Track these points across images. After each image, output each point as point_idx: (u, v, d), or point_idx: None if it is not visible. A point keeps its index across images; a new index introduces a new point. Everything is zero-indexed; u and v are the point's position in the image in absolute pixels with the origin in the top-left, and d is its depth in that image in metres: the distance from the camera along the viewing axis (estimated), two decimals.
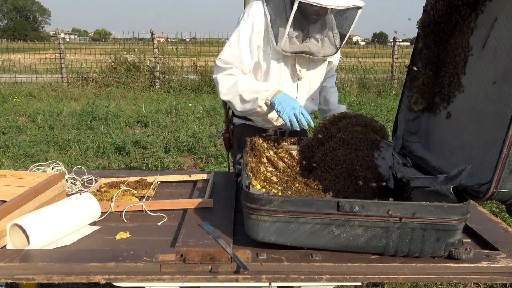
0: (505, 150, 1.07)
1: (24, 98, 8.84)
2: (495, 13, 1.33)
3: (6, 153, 5.06)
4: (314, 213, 1.19)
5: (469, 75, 1.44)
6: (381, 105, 8.40)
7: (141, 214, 1.56)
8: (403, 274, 1.20)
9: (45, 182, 1.52)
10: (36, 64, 11.72)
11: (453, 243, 1.20)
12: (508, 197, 1.14)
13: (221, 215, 1.52)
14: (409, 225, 1.18)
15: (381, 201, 1.18)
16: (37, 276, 1.15)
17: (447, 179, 1.29)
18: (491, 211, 3.58)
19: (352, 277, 1.19)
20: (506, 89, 1.23)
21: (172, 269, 1.18)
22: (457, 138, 1.45)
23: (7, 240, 1.29)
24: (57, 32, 11.10)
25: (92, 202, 1.47)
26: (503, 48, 1.27)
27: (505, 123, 1.09)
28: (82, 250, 1.27)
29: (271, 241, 1.23)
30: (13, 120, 6.72)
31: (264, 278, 1.17)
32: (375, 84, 10.59)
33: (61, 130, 6.20)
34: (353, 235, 1.21)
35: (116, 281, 1.17)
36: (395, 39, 11.69)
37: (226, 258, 1.21)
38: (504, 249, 1.32)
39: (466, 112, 1.43)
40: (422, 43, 1.55)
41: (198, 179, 1.94)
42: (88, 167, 4.69)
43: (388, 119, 6.81)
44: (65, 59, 10.44)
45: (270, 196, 1.21)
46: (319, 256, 1.23)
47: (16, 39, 26.31)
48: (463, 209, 1.16)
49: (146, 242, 1.35)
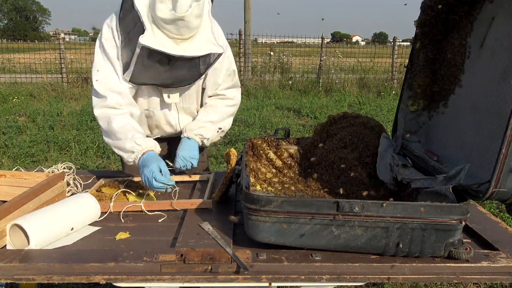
0: (504, 149, 1.07)
1: (24, 98, 8.85)
2: (493, 12, 1.33)
3: (6, 153, 5.06)
4: (314, 213, 1.19)
5: (467, 74, 1.44)
6: (381, 105, 8.41)
7: (141, 214, 1.56)
8: (403, 274, 1.20)
9: (45, 182, 1.52)
10: (36, 64, 11.72)
11: (453, 243, 1.20)
12: (507, 196, 1.14)
13: (221, 216, 1.52)
14: (409, 225, 1.18)
15: (381, 201, 1.18)
16: (37, 276, 1.15)
17: (446, 179, 1.29)
18: (491, 211, 3.58)
19: (352, 277, 1.19)
20: (505, 88, 1.23)
21: (172, 269, 1.18)
22: (457, 137, 1.45)
23: (7, 240, 1.29)
24: (57, 32, 11.11)
25: (92, 202, 1.47)
26: (501, 47, 1.27)
27: (504, 121, 1.09)
28: (82, 250, 1.27)
29: (271, 241, 1.23)
30: (13, 120, 6.72)
31: (264, 278, 1.17)
32: (375, 84, 10.59)
33: (61, 130, 6.20)
34: (353, 235, 1.21)
35: (116, 281, 1.17)
36: (395, 39, 11.70)
37: (226, 258, 1.21)
38: (504, 249, 1.32)
39: (465, 111, 1.43)
40: (420, 43, 1.55)
41: (198, 180, 1.94)
42: (88, 167, 4.69)
43: (388, 119, 6.82)
44: (65, 59, 10.44)
45: (270, 196, 1.21)
46: (319, 256, 1.23)
47: (16, 39, 26.30)
48: (463, 209, 1.16)
49: (146, 242, 1.35)
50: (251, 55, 11.23)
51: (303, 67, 12.00)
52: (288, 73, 11.41)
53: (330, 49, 13.86)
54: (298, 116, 7.68)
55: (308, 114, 7.65)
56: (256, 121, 6.91)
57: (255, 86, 10.22)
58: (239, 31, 10.83)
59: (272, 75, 11.12)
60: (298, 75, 11.27)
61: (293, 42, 17.25)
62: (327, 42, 12.35)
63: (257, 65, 11.54)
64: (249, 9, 11.15)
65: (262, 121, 6.97)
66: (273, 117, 7.34)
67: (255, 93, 9.68)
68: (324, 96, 9.84)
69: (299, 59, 12.59)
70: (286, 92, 10.24)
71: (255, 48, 13.92)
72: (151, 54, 1.66)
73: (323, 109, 7.95)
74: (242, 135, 5.91)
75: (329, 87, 10.39)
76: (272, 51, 12.25)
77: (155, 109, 1.92)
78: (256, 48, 14.12)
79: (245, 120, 6.90)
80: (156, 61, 1.69)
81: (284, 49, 12.99)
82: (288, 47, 14.47)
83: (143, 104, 1.90)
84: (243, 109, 7.80)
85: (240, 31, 10.83)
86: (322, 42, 11.13)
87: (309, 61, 12.38)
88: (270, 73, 11.19)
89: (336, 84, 10.50)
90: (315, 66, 11.67)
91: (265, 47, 15.47)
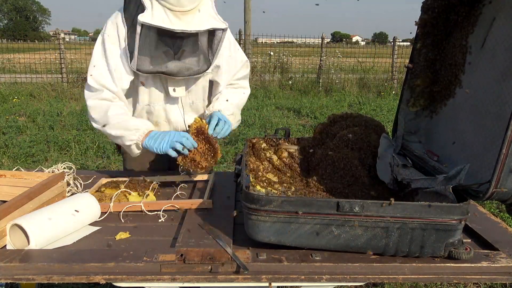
0: (505, 149, 1.07)
1: (24, 98, 8.84)
2: (494, 13, 1.33)
3: (6, 153, 5.06)
4: (314, 213, 1.19)
5: (468, 75, 1.44)
6: (381, 105, 8.41)
7: (141, 214, 1.56)
8: (403, 274, 1.20)
9: (45, 182, 1.52)
10: (36, 64, 11.72)
11: (453, 243, 1.20)
12: (507, 196, 1.14)
13: (221, 215, 1.52)
14: (409, 225, 1.18)
15: (381, 201, 1.18)
16: (37, 276, 1.15)
17: (446, 179, 1.29)
18: (491, 211, 3.58)
19: (352, 277, 1.19)
20: (505, 88, 1.23)
21: (172, 269, 1.18)
22: (457, 137, 1.46)
23: (7, 240, 1.29)
24: (57, 32, 11.10)
25: (92, 202, 1.47)
26: (502, 47, 1.27)
27: (504, 122, 1.09)
28: (82, 250, 1.27)
29: (271, 241, 1.23)
30: (13, 120, 6.72)
31: (264, 278, 1.17)
32: (375, 84, 10.60)
33: (61, 130, 6.20)
34: (353, 235, 1.21)
35: (116, 281, 1.17)
36: (395, 39, 11.70)
37: (226, 258, 1.21)
38: (504, 249, 1.32)
39: (466, 112, 1.43)
40: (421, 43, 1.55)
41: (198, 179, 1.94)
42: (88, 167, 4.69)
43: (388, 119, 6.81)
44: (65, 59, 10.43)
45: (270, 196, 1.21)
46: (319, 256, 1.23)
47: (16, 39, 26.32)
48: (463, 209, 1.16)
49: (146, 242, 1.35)
50: (251, 55, 11.23)
51: (303, 67, 12.00)
52: (288, 73, 11.41)
53: (330, 49, 13.86)
54: (298, 116, 7.68)
55: (308, 114, 7.65)
56: (256, 121, 6.91)
57: (255, 86, 10.22)
58: (239, 31, 10.83)
59: (272, 75, 11.12)
60: (298, 75, 11.27)
61: (293, 42, 17.25)
62: (327, 42, 12.33)
63: (257, 65, 11.54)
64: (249, 9, 11.15)
65: (262, 121, 6.97)
66: (273, 117, 7.34)
67: (255, 93, 9.67)
68: (324, 96, 9.85)
69: (299, 59, 12.58)
70: (286, 92, 10.24)
71: (255, 48, 13.91)
72: (153, 36, 1.62)
73: (323, 109, 7.95)
74: (242, 135, 5.91)
75: (329, 87, 10.39)
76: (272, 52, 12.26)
77: (156, 104, 1.88)
78: (256, 48, 14.11)
79: (245, 120, 6.90)
80: (160, 46, 1.66)
81: (284, 49, 12.98)
82: (288, 47, 14.46)
83: (145, 98, 1.87)
84: (243, 109, 7.77)
85: (240, 31, 10.83)
86: (322, 42, 11.13)
87: (309, 61, 12.38)
88: (270, 73, 11.19)
89: (336, 84, 10.50)
90: (315, 66, 11.67)
91: (265, 47, 15.46)
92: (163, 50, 1.68)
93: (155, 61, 1.68)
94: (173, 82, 1.82)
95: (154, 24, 1.57)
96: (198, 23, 1.64)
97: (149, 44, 1.64)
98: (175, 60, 1.70)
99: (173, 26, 1.59)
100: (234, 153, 5.17)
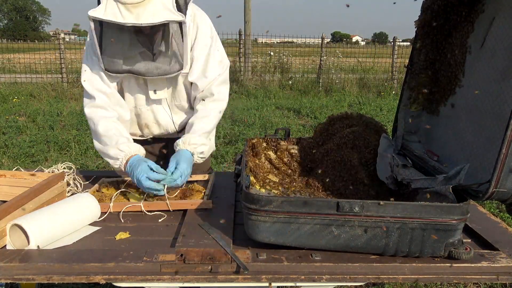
0: (504, 149, 1.07)
1: (24, 98, 8.85)
2: (493, 13, 1.33)
3: (6, 153, 5.06)
4: (314, 213, 1.19)
5: (468, 75, 1.44)
6: (381, 105, 8.41)
7: (141, 214, 1.56)
8: (403, 274, 1.20)
9: (45, 182, 1.52)
10: (36, 64, 11.72)
11: (453, 243, 1.20)
12: (507, 196, 1.14)
13: (221, 215, 1.52)
14: (409, 225, 1.18)
15: (380, 201, 1.18)
16: (37, 276, 1.15)
17: (446, 179, 1.29)
18: (491, 211, 3.58)
19: (352, 277, 1.19)
20: (505, 88, 1.23)
21: (172, 269, 1.18)
22: (457, 137, 1.46)
23: (7, 240, 1.29)
24: (57, 32, 11.10)
25: (92, 202, 1.47)
26: (502, 47, 1.27)
27: (504, 122, 1.09)
28: (82, 250, 1.27)
29: (271, 241, 1.23)
30: (13, 120, 6.72)
31: (264, 278, 1.17)
32: (375, 84, 10.60)
33: (61, 130, 6.20)
34: (353, 235, 1.21)
35: (116, 281, 1.17)
36: (395, 39, 11.70)
37: (226, 258, 1.21)
38: (504, 249, 1.32)
39: (466, 111, 1.43)
40: (420, 43, 1.55)
41: (198, 179, 1.93)
42: (88, 167, 4.69)
43: (388, 119, 6.82)
44: (65, 59, 10.43)
45: (270, 196, 1.21)
46: (319, 256, 1.23)
47: (16, 39, 26.32)
48: (463, 209, 1.16)
49: (146, 242, 1.35)
50: (251, 55, 11.23)
51: (303, 67, 12.00)
52: (288, 73, 11.42)
53: (330, 49, 13.86)
54: (298, 116, 7.68)
55: (308, 114, 7.65)
56: (256, 121, 6.91)
57: (255, 86, 10.22)
58: (239, 31, 10.83)
59: (272, 75, 11.12)
60: (298, 75, 11.27)
61: (293, 42, 17.25)
62: (327, 42, 12.34)
63: (257, 65, 11.54)
64: (249, 9, 11.15)
65: (262, 121, 6.96)
66: (273, 117, 7.34)
67: (255, 93, 9.68)
68: (324, 96, 9.85)
69: (299, 59, 12.59)
70: (286, 92, 10.24)
71: (255, 48, 13.91)
72: (112, 32, 1.58)
73: (323, 109, 7.95)
74: (242, 135, 5.91)
75: (329, 87, 10.39)
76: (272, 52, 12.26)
77: (142, 106, 1.88)
78: (256, 48, 14.12)
79: (245, 120, 6.90)
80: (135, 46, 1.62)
81: (284, 49, 12.98)
82: (288, 47, 14.46)
83: (130, 101, 1.87)
84: (243, 109, 7.80)
85: (240, 31, 10.83)
86: (322, 42, 11.13)
87: (309, 61, 12.39)
88: (270, 73, 11.19)
89: (336, 84, 10.51)
90: (315, 66, 11.68)
91: (265, 47, 15.46)
92: (139, 51, 1.65)
93: (126, 61, 1.66)
94: (153, 84, 1.81)
95: (103, 18, 1.52)
96: (150, 16, 1.54)
97: (106, 40, 1.59)
98: (149, 61, 1.67)
99: (124, 20, 1.52)
100: (234, 153, 5.17)
